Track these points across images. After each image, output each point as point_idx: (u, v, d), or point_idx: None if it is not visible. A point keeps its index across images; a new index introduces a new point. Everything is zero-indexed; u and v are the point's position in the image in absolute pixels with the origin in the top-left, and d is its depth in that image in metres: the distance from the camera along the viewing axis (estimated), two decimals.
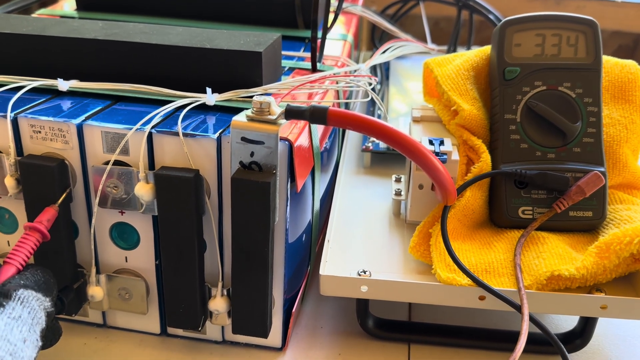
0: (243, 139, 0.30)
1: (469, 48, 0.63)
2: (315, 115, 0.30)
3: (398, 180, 0.44)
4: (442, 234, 0.36)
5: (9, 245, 0.37)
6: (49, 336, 0.31)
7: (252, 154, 0.31)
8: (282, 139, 0.32)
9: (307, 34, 0.51)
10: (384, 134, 0.29)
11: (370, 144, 0.50)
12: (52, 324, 0.31)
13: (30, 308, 0.28)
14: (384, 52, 0.55)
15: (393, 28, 0.62)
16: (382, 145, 0.50)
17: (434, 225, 0.37)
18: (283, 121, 0.30)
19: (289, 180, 0.33)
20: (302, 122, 0.35)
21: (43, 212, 0.32)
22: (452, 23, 0.66)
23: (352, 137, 0.53)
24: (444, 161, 0.37)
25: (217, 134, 0.32)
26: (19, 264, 0.30)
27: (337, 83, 0.41)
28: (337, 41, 0.53)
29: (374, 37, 0.71)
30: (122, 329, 0.38)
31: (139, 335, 0.38)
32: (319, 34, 0.46)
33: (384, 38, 0.71)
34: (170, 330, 0.38)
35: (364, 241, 0.39)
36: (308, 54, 0.46)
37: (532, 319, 0.32)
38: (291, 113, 0.30)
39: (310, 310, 0.41)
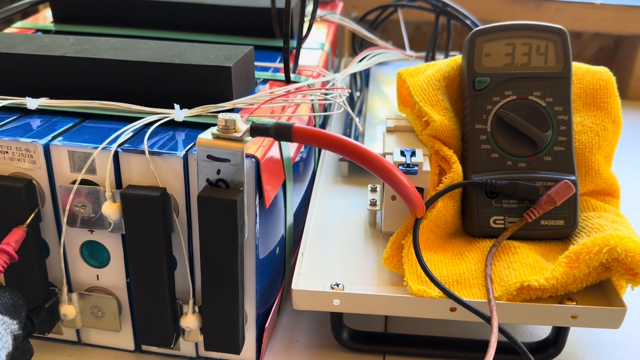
0: (209, 156, 0.30)
1: (447, 54, 0.63)
2: (280, 132, 0.30)
3: (374, 190, 0.44)
4: (413, 246, 0.36)
5: None
6: (19, 357, 0.31)
7: (218, 172, 0.31)
8: (248, 155, 0.31)
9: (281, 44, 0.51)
10: (348, 151, 0.29)
11: None
12: (22, 344, 0.31)
13: None
14: (361, 60, 0.55)
15: (371, 35, 0.62)
16: None
17: (406, 236, 0.37)
18: (249, 138, 0.30)
19: (257, 196, 0.32)
20: (269, 140, 0.35)
21: (11, 233, 0.32)
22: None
23: None
24: (415, 172, 0.37)
25: (183, 152, 0.32)
26: None
27: (310, 95, 0.41)
28: (314, 50, 0.53)
29: (354, 44, 0.71)
30: (97, 346, 0.38)
31: (114, 352, 0.38)
32: (294, 44, 0.46)
33: (365, 44, 0.71)
34: (144, 346, 0.38)
35: (339, 253, 0.39)
36: (277, 64, 0.46)
37: (502, 331, 0.32)
38: (256, 130, 0.30)
39: (286, 322, 0.41)
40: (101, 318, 0.36)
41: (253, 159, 0.32)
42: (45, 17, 0.56)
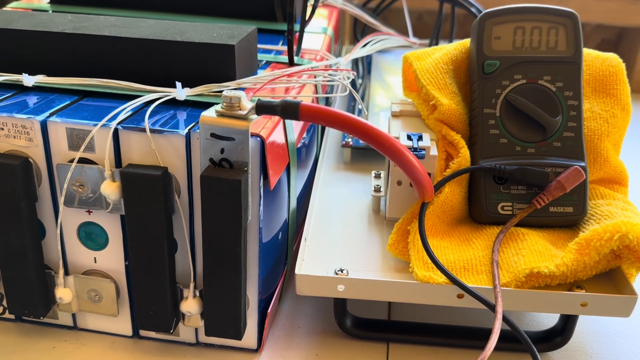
0: (212, 135, 0.29)
1: (451, 42, 0.62)
2: (287, 110, 0.29)
3: (377, 176, 0.43)
4: (419, 231, 0.35)
5: None
6: None
7: (222, 151, 0.30)
8: (253, 134, 0.31)
9: (286, 27, 0.50)
10: (358, 130, 0.28)
11: (350, 139, 0.49)
12: None
13: None
14: (364, 45, 0.54)
15: (374, 21, 0.61)
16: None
17: (412, 222, 0.36)
18: (254, 116, 0.29)
19: (262, 177, 0.32)
20: (276, 117, 0.34)
21: None
22: (436, 17, 0.65)
23: (332, 132, 0.52)
24: (422, 157, 0.36)
25: (186, 130, 0.31)
26: None
27: (314, 77, 0.40)
28: (317, 34, 0.53)
29: (356, 31, 0.70)
30: (94, 331, 0.37)
31: (110, 337, 0.37)
32: (297, 27, 0.45)
33: (366, 31, 0.70)
34: (143, 332, 0.37)
35: (343, 239, 0.38)
36: (286, 48, 0.45)
37: (504, 318, 0.32)
38: (262, 108, 0.29)
39: (288, 309, 0.40)
40: (98, 302, 0.35)
41: (258, 138, 0.31)
42: None
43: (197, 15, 0.50)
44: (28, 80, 0.35)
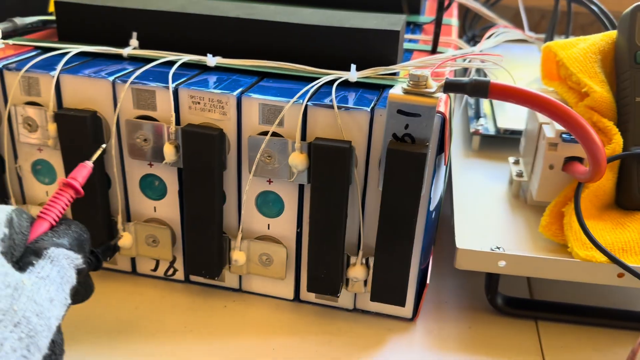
0: (399, 111, 0.32)
1: (567, 37, 0.63)
2: (477, 88, 0.30)
3: (516, 162, 0.45)
4: (575, 213, 0.36)
5: (154, 211, 0.39)
6: (81, 292, 0.30)
7: (406, 127, 0.32)
8: (436, 112, 0.32)
9: (412, 19, 0.52)
10: (545, 107, 0.30)
11: (480, 127, 0.50)
12: (84, 280, 0.30)
13: (60, 267, 0.27)
14: (488, 37, 0.55)
15: (492, 14, 0.62)
16: (492, 129, 0.51)
17: (566, 205, 0.38)
18: (440, 94, 0.31)
19: (439, 152, 0.34)
20: (444, 97, 0.36)
21: (77, 168, 0.31)
22: (542, 14, 0.66)
23: (456, 121, 0.54)
24: (576, 142, 0.38)
25: (370, 107, 0.33)
26: (52, 219, 0.29)
27: (464, 61, 0.42)
28: (445, 25, 0.54)
29: (465, 24, 0.71)
30: (257, 294, 0.40)
31: (274, 300, 0.40)
32: (423, 19, 0.47)
33: (473, 25, 0.71)
34: (302, 296, 0.39)
35: (490, 220, 0.40)
36: (419, 37, 0.47)
37: None
38: (451, 86, 0.31)
39: (432, 285, 0.42)
40: (268, 265, 0.38)
41: (440, 115, 0.33)
42: None
43: (323, 6, 0.52)
44: (211, 60, 0.38)
